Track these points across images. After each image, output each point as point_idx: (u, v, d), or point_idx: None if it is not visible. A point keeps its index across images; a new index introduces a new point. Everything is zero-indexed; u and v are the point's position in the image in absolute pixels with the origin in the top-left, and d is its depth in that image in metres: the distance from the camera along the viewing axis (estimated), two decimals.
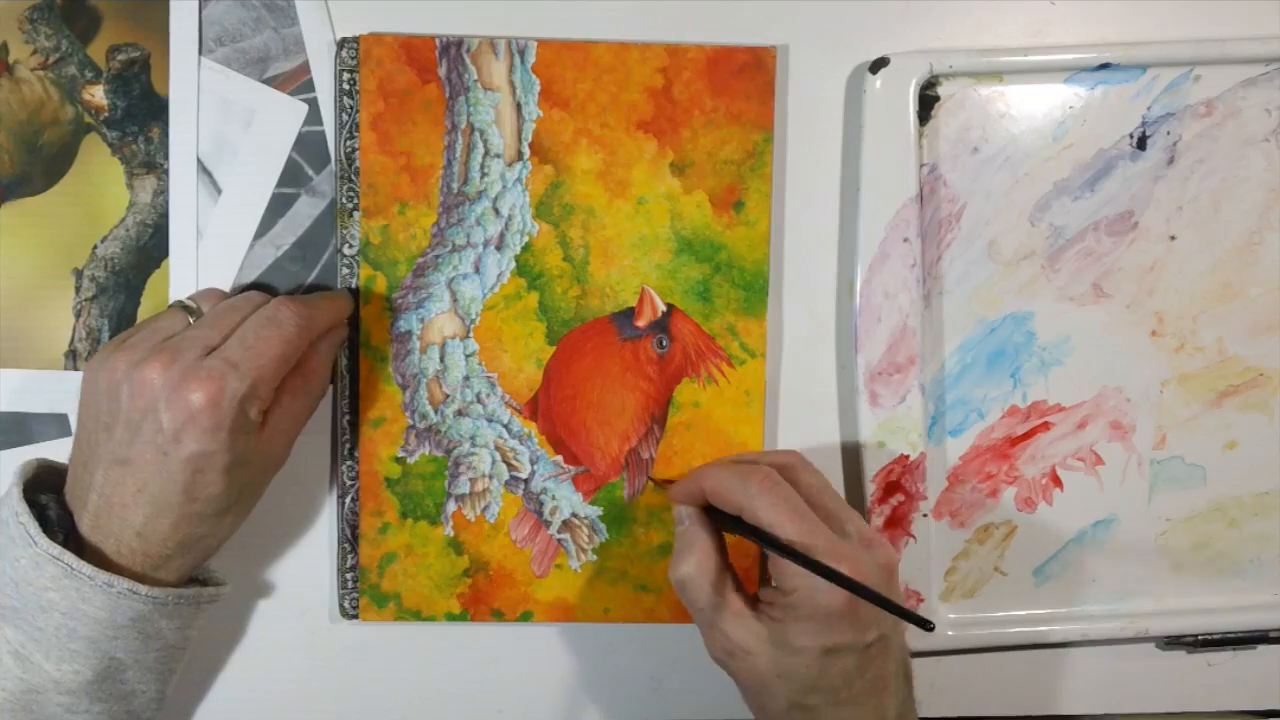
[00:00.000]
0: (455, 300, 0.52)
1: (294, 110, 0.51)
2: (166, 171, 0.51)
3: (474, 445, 0.52)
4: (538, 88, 0.51)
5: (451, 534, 0.52)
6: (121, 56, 0.50)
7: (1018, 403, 0.54)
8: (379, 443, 0.52)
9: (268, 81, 0.51)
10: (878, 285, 0.52)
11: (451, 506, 0.52)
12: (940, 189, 0.53)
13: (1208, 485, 0.56)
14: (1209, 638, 0.55)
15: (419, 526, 0.52)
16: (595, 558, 0.53)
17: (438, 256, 0.51)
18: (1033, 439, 0.55)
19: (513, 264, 0.52)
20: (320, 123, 0.51)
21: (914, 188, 0.52)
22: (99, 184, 0.51)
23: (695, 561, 0.45)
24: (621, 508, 0.53)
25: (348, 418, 0.52)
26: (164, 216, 0.51)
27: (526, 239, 0.52)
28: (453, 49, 0.50)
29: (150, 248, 0.52)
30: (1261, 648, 0.56)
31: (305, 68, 0.51)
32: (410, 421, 0.52)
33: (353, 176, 0.51)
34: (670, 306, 0.52)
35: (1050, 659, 0.56)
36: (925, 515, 0.53)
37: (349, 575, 0.52)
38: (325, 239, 0.52)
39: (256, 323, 0.45)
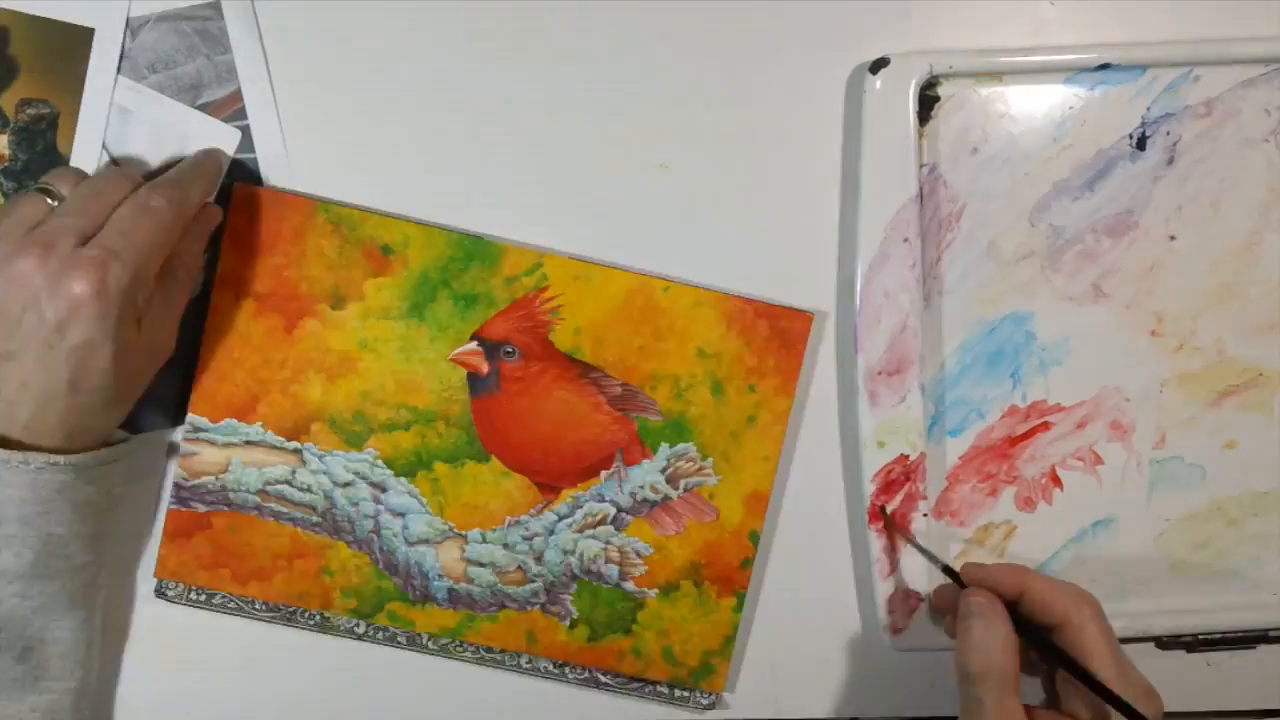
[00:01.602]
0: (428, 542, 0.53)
1: (228, 135, 0.51)
2: None
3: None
4: None
5: None
6: (31, 110, 0.50)
7: (1017, 403, 0.54)
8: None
9: (201, 108, 0.51)
10: (878, 285, 0.52)
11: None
12: (940, 189, 0.53)
13: (1207, 485, 0.56)
14: (1209, 638, 0.55)
15: None
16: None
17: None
18: (1032, 439, 0.55)
19: (407, 485, 0.52)
20: (253, 149, 0.51)
21: (914, 188, 0.52)
22: None
23: (996, 658, 0.44)
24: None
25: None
26: None
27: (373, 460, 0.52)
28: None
29: None
30: (1261, 648, 0.56)
31: (238, 95, 0.51)
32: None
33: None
34: (473, 337, 0.52)
35: None
36: (925, 515, 0.53)
37: None
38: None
39: (132, 209, 0.45)
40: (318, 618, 0.52)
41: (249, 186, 0.51)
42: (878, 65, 0.51)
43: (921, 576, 0.53)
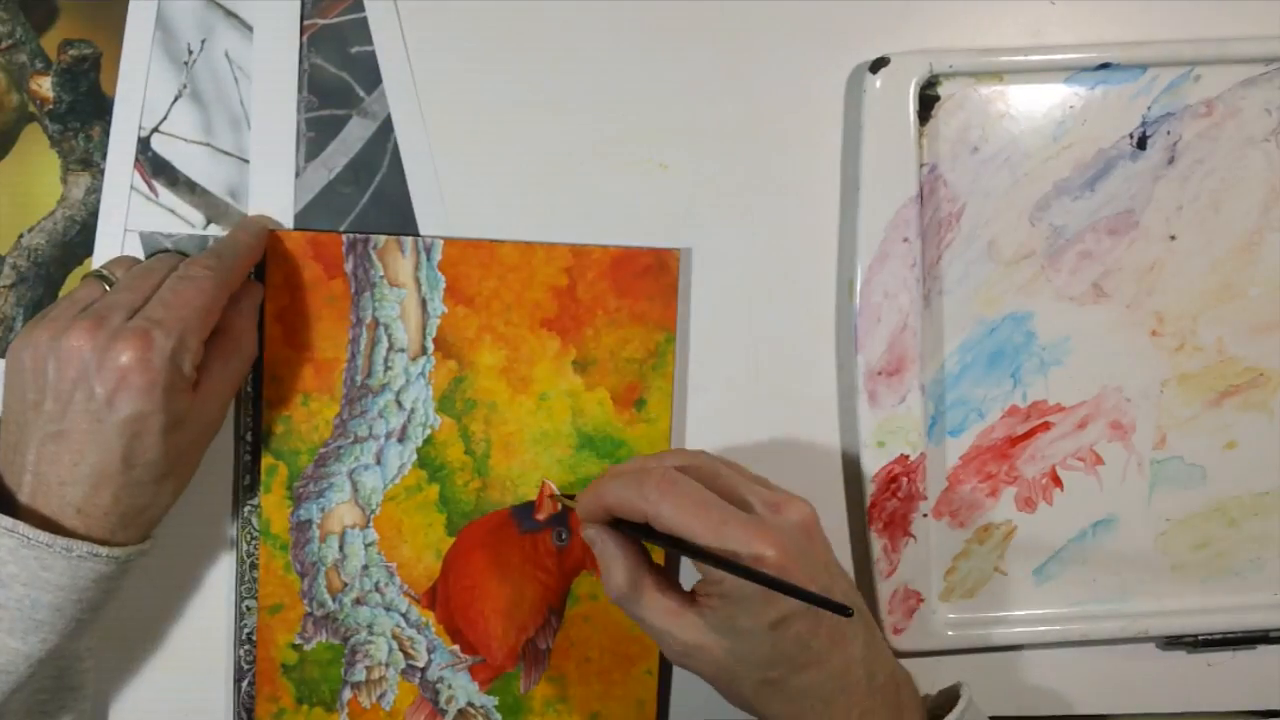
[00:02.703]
0: (356, 491, 0.52)
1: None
2: (102, 171, 0.51)
3: (371, 633, 0.53)
4: (443, 284, 0.51)
5: None
6: (73, 52, 0.50)
7: (1018, 403, 0.54)
8: (276, 629, 0.52)
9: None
10: (878, 285, 0.52)
11: (347, 694, 0.53)
12: (940, 189, 0.53)
13: (1207, 485, 0.56)
14: (1209, 638, 0.55)
15: (314, 713, 0.52)
16: None
17: (340, 447, 0.52)
18: (1033, 439, 0.55)
19: (414, 456, 0.52)
20: (371, 43, 0.51)
21: (914, 188, 0.52)
22: (33, 174, 0.51)
23: (623, 577, 0.44)
24: (518, 698, 0.53)
25: (246, 602, 0.52)
26: (93, 215, 0.51)
27: (428, 432, 0.52)
28: (359, 245, 0.51)
29: (75, 244, 0.51)
30: (1261, 648, 0.56)
31: None
32: (308, 609, 0.52)
33: (258, 364, 0.51)
34: (569, 497, 0.52)
35: (1050, 659, 0.56)
36: (925, 515, 0.53)
37: None
38: (378, 160, 0.52)
39: (172, 282, 0.46)
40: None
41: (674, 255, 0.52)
42: (878, 65, 0.51)
43: (922, 576, 0.53)
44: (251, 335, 0.50)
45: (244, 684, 0.52)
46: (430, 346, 0.52)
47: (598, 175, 0.53)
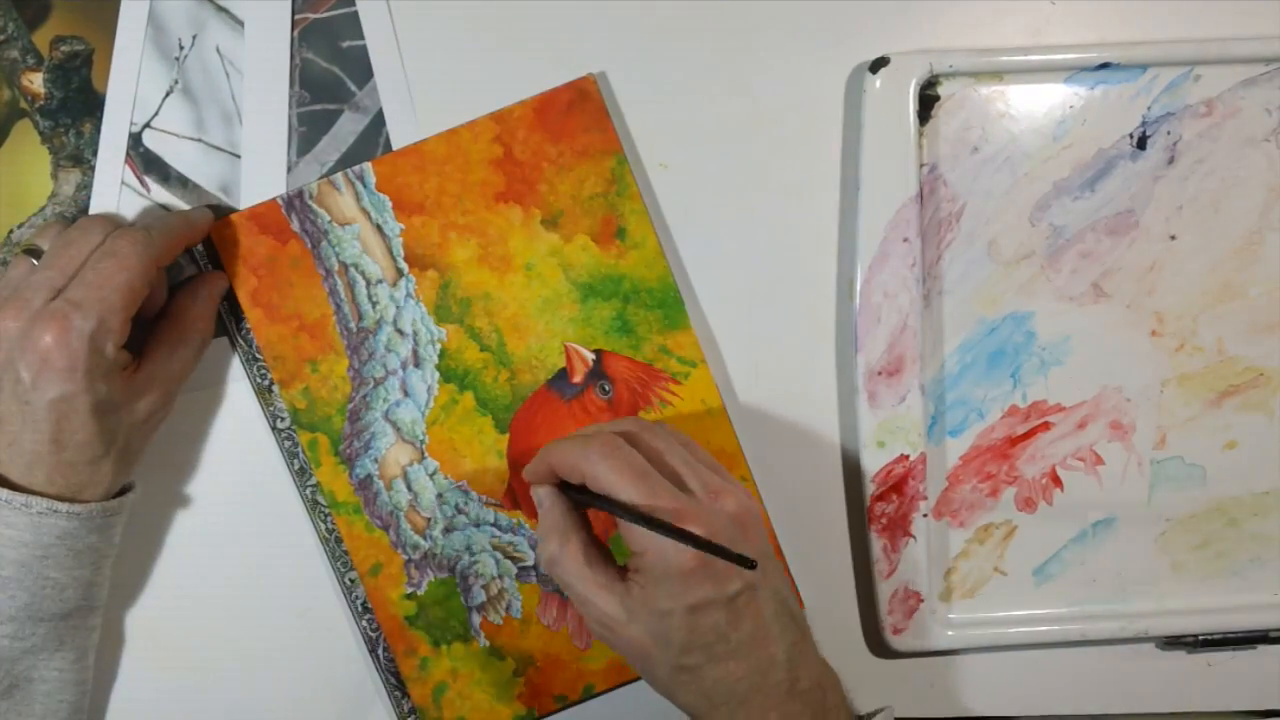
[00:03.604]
0: (398, 430, 0.52)
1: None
2: (93, 167, 0.51)
3: (472, 554, 0.53)
4: (389, 204, 0.51)
5: (487, 644, 0.53)
6: (65, 48, 0.50)
7: (1018, 403, 0.54)
8: (385, 588, 0.52)
9: None
10: (878, 285, 0.52)
11: (476, 618, 0.53)
12: (940, 189, 0.53)
13: (1208, 485, 0.56)
14: (1209, 638, 0.55)
15: (454, 648, 0.53)
16: None
17: (365, 396, 0.52)
18: (1033, 439, 0.55)
19: (436, 375, 0.52)
20: (362, 37, 0.51)
21: (914, 187, 0.52)
22: (24, 170, 0.51)
23: (557, 541, 0.44)
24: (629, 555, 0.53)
25: (348, 575, 0.52)
26: (84, 211, 0.51)
27: (439, 346, 0.52)
28: (296, 201, 0.51)
29: None
30: (1261, 648, 0.56)
31: None
32: (405, 556, 0.52)
33: (256, 355, 0.51)
34: (598, 352, 0.52)
35: (1050, 659, 0.56)
36: (925, 515, 0.53)
37: (410, 719, 0.53)
38: (371, 155, 0.52)
39: (96, 258, 0.45)
40: (266, 382, 0.52)
41: (592, 83, 0.51)
42: (878, 65, 0.51)
43: (922, 576, 0.53)
44: (206, 323, 0.49)
45: (380, 651, 0.52)
46: (404, 266, 0.51)
47: None
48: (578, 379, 0.52)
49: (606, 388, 0.52)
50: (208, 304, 0.50)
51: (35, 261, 0.46)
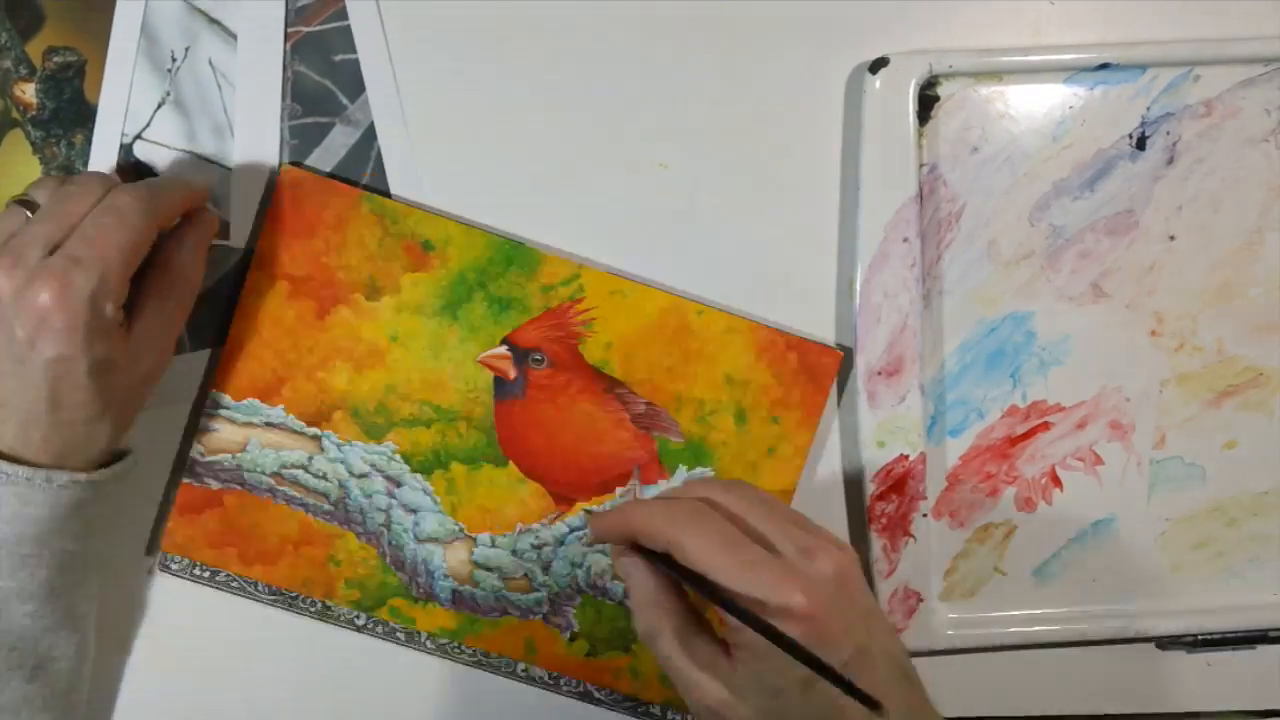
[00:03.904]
0: (436, 539, 0.52)
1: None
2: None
3: (581, 565, 0.53)
4: (257, 402, 0.51)
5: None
6: (58, 59, 0.50)
7: (1017, 403, 0.54)
8: (550, 651, 0.53)
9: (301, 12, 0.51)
10: (877, 285, 0.52)
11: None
12: (940, 189, 0.53)
13: (1207, 485, 0.56)
14: (1209, 638, 0.55)
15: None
16: None
17: (389, 542, 0.52)
18: (1032, 439, 0.55)
19: (418, 477, 0.52)
20: (354, 51, 0.51)
21: (914, 187, 0.52)
22: (16, 180, 0.51)
23: (652, 616, 0.42)
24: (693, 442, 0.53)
25: (519, 669, 0.53)
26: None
27: (397, 455, 0.52)
28: (198, 468, 0.51)
29: None
30: (1261, 648, 0.56)
31: None
32: (539, 616, 0.53)
33: (294, 594, 0.52)
34: (504, 340, 0.52)
35: (1050, 659, 0.56)
36: (925, 515, 0.53)
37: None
38: (362, 168, 0.52)
39: (96, 214, 0.43)
40: (319, 606, 0.52)
41: (297, 169, 0.51)
42: (878, 65, 0.51)
43: (922, 576, 0.53)
44: (195, 271, 0.48)
45: (600, 696, 0.53)
46: (314, 430, 0.52)
47: (596, 177, 0.53)
48: (512, 374, 0.52)
49: (538, 357, 0.52)
50: (195, 250, 0.48)
51: (29, 214, 0.44)
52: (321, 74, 0.51)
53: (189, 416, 0.52)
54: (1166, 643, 0.56)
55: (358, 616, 0.52)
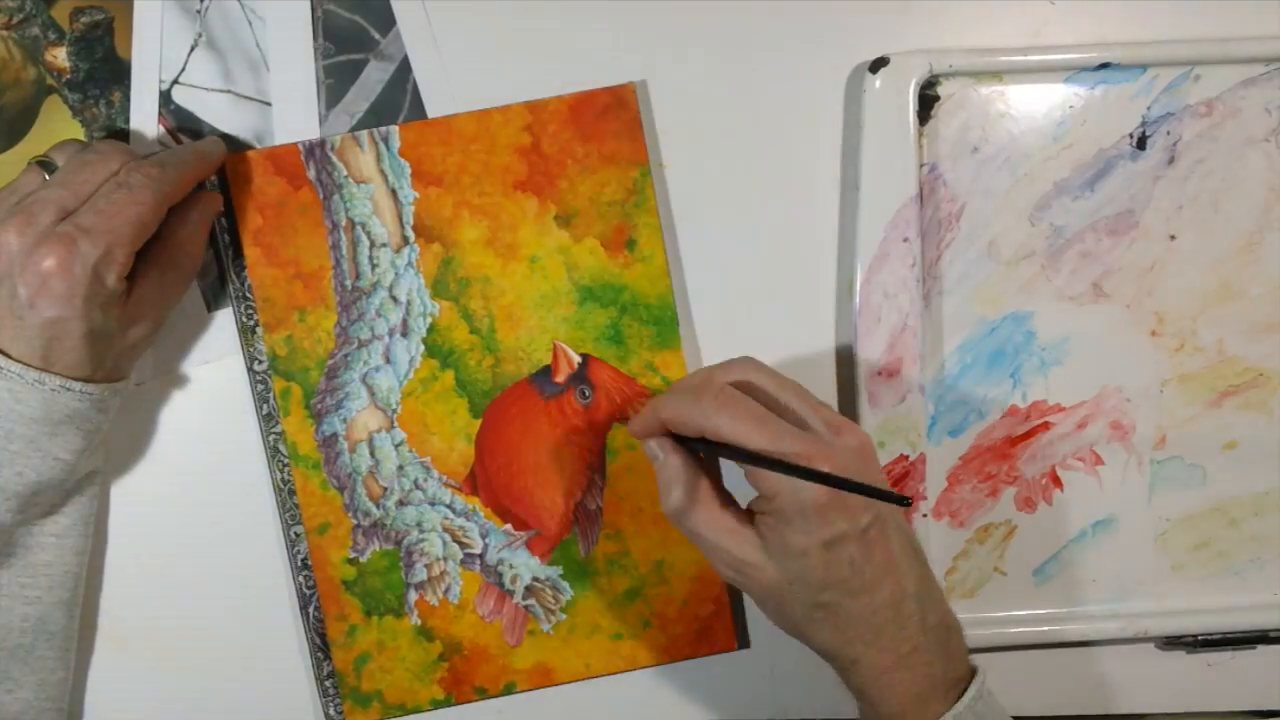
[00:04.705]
0: (373, 394, 0.52)
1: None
2: (127, 134, 0.51)
3: (422, 531, 0.53)
4: (409, 171, 0.51)
5: (419, 622, 0.53)
6: (85, 19, 0.50)
7: (1018, 403, 0.54)
8: (328, 548, 0.52)
9: None
10: (877, 285, 0.52)
11: (413, 595, 0.53)
12: (940, 189, 0.53)
13: (1207, 485, 0.56)
14: (1209, 638, 0.55)
15: (385, 621, 0.53)
16: (565, 616, 0.53)
17: (346, 355, 0.52)
18: (1033, 439, 0.55)
19: (421, 347, 0.52)
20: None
21: (914, 188, 0.52)
22: None
23: (682, 490, 0.44)
24: (580, 563, 0.53)
25: (294, 529, 0.52)
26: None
27: (430, 320, 0.52)
28: (317, 150, 0.51)
29: None
30: (1261, 648, 0.56)
31: None
32: (355, 521, 0.52)
33: (247, 294, 0.51)
34: (585, 356, 0.52)
35: (1050, 659, 0.56)
36: (925, 515, 0.53)
37: (328, 683, 0.53)
38: (399, 102, 0.52)
39: (109, 188, 0.45)
40: (251, 322, 0.52)
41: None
42: (878, 65, 0.51)
43: None
44: (197, 247, 0.49)
45: (311, 609, 0.52)
46: (411, 235, 0.51)
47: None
48: (560, 379, 0.52)
49: (587, 393, 0.52)
50: (199, 227, 0.49)
51: (47, 176, 0.46)
52: (351, 10, 0.51)
53: None
54: (1166, 643, 0.56)
55: (259, 364, 0.52)
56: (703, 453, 0.45)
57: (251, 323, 0.51)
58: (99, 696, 0.53)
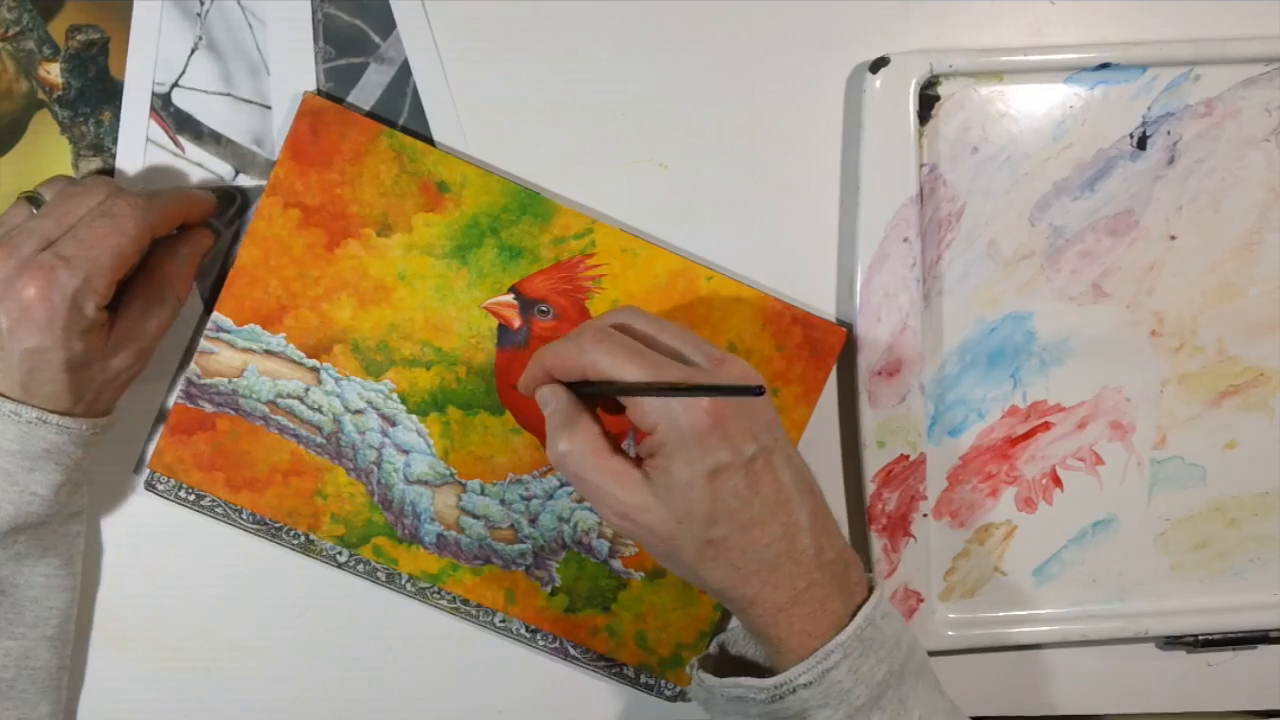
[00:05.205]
0: (426, 481, 0.52)
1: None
2: (114, 155, 0.51)
3: (568, 520, 0.53)
4: (258, 328, 0.51)
5: (641, 575, 0.53)
6: (81, 37, 0.50)
7: (1018, 403, 0.54)
8: (529, 603, 0.53)
9: None
10: (878, 285, 0.52)
11: (616, 564, 0.53)
12: (940, 189, 0.53)
13: (1207, 485, 0.56)
14: (1209, 638, 0.55)
15: (622, 599, 0.53)
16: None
17: (379, 480, 0.52)
18: (1033, 439, 0.55)
19: (413, 418, 0.52)
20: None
21: (914, 187, 0.52)
22: (45, 161, 0.51)
23: (565, 434, 0.43)
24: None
25: (495, 620, 0.53)
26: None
27: (394, 394, 0.52)
28: (193, 389, 0.51)
29: None
30: (1261, 648, 0.56)
31: None
32: (523, 568, 0.53)
33: (277, 525, 0.52)
34: (512, 289, 0.52)
35: (1050, 659, 0.56)
36: (925, 515, 0.53)
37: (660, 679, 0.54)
38: (399, 105, 0.52)
39: (91, 216, 0.45)
40: (302, 539, 0.52)
41: (318, 98, 0.50)
42: (878, 65, 0.51)
43: (922, 576, 0.53)
44: (183, 281, 0.49)
45: (574, 653, 0.53)
46: (312, 362, 0.52)
47: (595, 177, 0.53)
48: (516, 323, 0.52)
49: (544, 308, 0.52)
50: (187, 261, 0.49)
51: (34, 210, 0.46)
52: (351, 14, 0.51)
53: (189, 338, 0.52)
54: (1166, 643, 0.56)
55: (340, 553, 0.52)
56: (591, 395, 0.44)
57: (300, 540, 0.52)
58: (99, 696, 0.53)
